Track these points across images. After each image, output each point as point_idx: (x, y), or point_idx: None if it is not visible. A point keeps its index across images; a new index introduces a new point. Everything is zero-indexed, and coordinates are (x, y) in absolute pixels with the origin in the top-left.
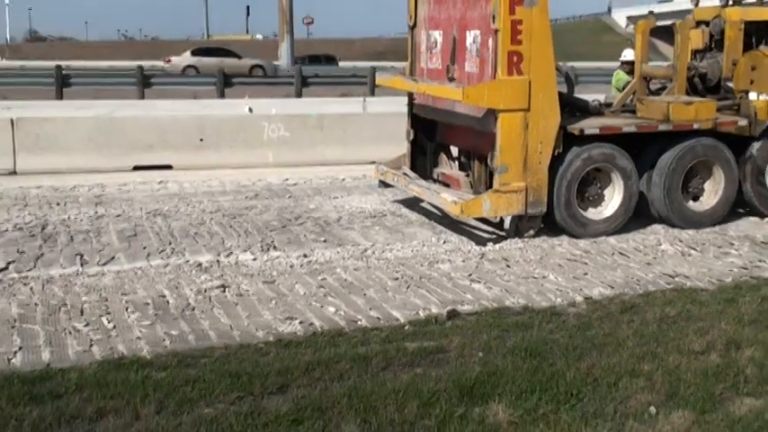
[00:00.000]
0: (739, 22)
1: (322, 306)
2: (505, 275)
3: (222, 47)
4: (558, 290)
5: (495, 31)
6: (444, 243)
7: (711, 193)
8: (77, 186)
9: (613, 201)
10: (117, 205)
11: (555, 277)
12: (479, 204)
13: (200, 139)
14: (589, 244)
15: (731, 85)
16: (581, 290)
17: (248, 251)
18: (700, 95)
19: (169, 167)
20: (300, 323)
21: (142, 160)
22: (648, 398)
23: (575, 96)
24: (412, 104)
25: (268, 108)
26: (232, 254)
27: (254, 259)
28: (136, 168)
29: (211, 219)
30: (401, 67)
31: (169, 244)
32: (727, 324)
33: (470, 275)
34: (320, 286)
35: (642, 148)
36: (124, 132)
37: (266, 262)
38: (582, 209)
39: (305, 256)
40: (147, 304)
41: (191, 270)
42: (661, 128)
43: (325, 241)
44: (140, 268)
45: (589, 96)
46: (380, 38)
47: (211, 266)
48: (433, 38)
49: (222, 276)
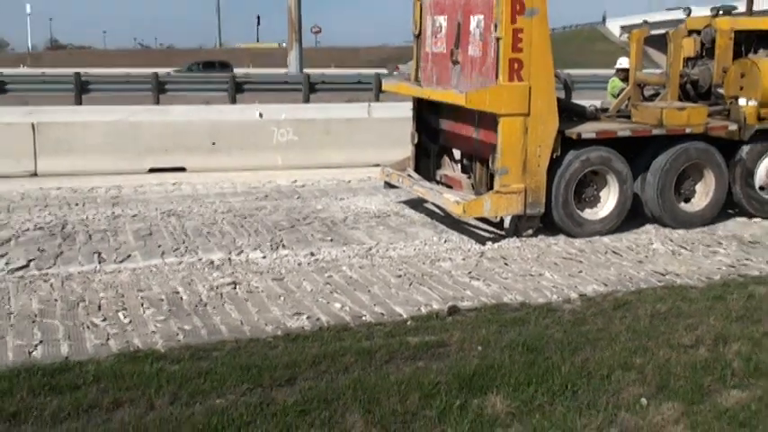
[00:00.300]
0: (729, 31)
1: (328, 302)
2: (504, 273)
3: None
4: (554, 287)
5: (498, 38)
6: (445, 242)
7: (702, 195)
8: (95, 188)
9: (609, 202)
10: (133, 206)
11: (551, 275)
12: (481, 205)
13: (213, 143)
14: (584, 243)
15: (721, 91)
16: (576, 287)
17: (258, 250)
18: (692, 101)
19: (183, 170)
20: (308, 318)
21: (157, 163)
22: (640, 390)
23: (572, 102)
24: (418, 109)
25: (277, 113)
26: (243, 252)
27: (264, 257)
28: (151, 171)
29: (223, 219)
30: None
31: (183, 243)
32: (716, 320)
33: (470, 273)
34: (327, 283)
35: (637, 151)
36: (140, 136)
37: (275, 260)
38: (579, 209)
39: (312, 254)
40: (162, 300)
41: (203, 268)
42: (655, 132)
43: (332, 240)
44: (155, 266)
45: (585, 102)
46: (385, 46)
47: (223, 264)
48: (438, 23)
49: (233, 274)
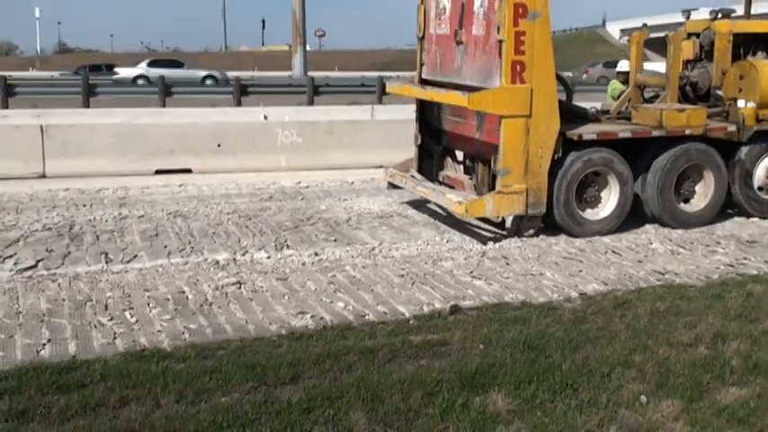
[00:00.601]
0: (728, 34)
1: (332, 301)
2: (505, 273)
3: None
4: (555, 286)
5: (500, 41)
6: (447, 242)
7: (701, 196)
8: (102, 189)
9: (609, 203)
10: (140, 207)
11: (552, 274)
12: (483, 205)
13: (218, 145)
14: (584, 243)
15: (720, 93)
16: (576, 286)
17: (263, 250)
18: (691, 103)
19: (189, 171)
20: (311, 317)
21: (163, 164)
22: (640, 387)
23: (573, 104)
24: (422, 111)
25: (282, 115)
26: (247, 252)
27: (269, 257)
28: (157, 172)
29: (228, 219)
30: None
31: (188, 243)
32: (714, 318)
33: (472, 273)
34: (330, 283)
35: (637, 153)
36: (146, 138)
37: (280, 260)
38: (580, 209)
39: (316, 254)
40: (168, 299)
41: (209, 267)
42: (655, 133)
43: (336, 240)
44: (161, 266)
45: (584, 104)
46: (387, 49)
47: (228, 264)
48: (442, 4)
49: (238, 273)
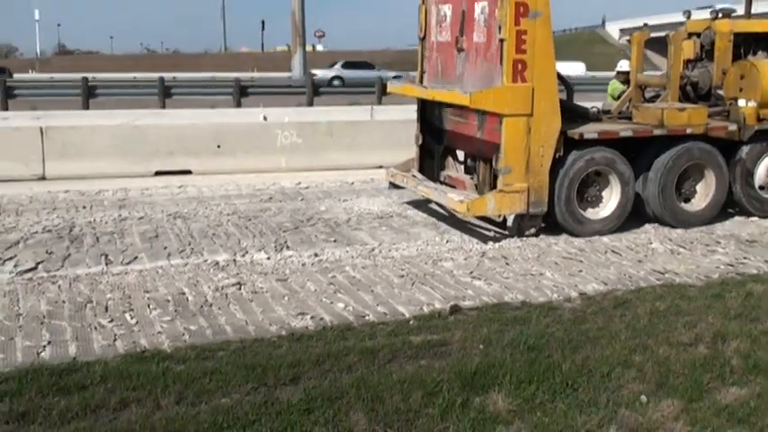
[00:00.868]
0: (728, 33)
1: (332, 302)
2: (505, 273)
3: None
4: (555, 286)
5: (501, 40)
6: (447, 242)
7: (702, 196)
8: (102, 191)
9: (610, 203)
10: (140, 208)
11: (551, 274)
12: (484, 203)
13: (218, 146)
14: (584, 242)
15: (721, 92)
16: (576, 286)
17: (263, 251)
18: (692, 103)
19: (189, 172)
20: (311, 318)
21: (163, 166)
22: (640, 387)
23: (575, 103)
24: (422, 110)
25: (281, 116)
26: (247, 253)
27: (268, 258)
28: (157, 173)
29: (228, 220)
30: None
31: (188, 244)
32: (714, 318)
33: (472, 273)
34: (330, 283)
35: (638, 152)
36: (146, 140)
37: (279, 261)
38: (581, 209)
39: (316, 255)
40: (168, 301)
41: (208, 269)
42: (656, 132)
43: (335, 241)
44: (161, 267)
45: (585, 104)
46: (387, 50)
47: (228, 265)
48: (443, 12)
49: (238, 275)
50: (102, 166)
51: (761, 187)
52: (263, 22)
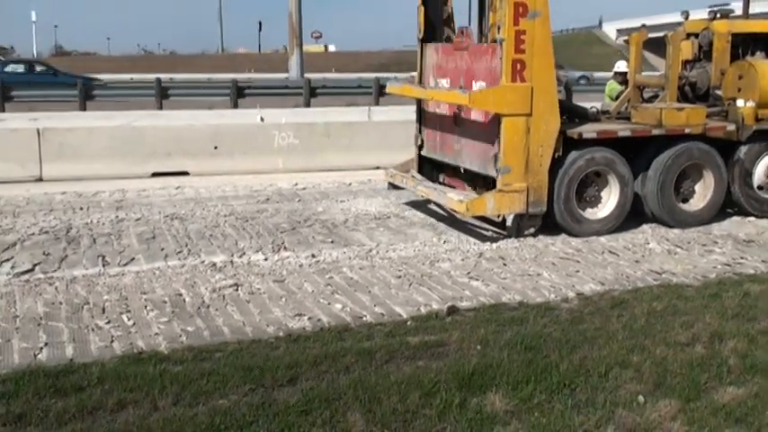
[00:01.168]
0: (726, 34)
1: (329, 303)
2: (502, 273)
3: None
4: (552, 286)
5: (501, 40)
6: (444, 243)
7: (701, 197)
8: (99, 192)
9: (609, 203)
10: (137, 209)
11: (549, 275)
12: (484, 203)
13: (215, 147)
14: (581, 243)
15: (719, 92)
16: (573, 286)
17: (260, 252)
18: (690, 103)
19: (186, 174)
20: (309, 319)
21: (160, 167)
22: (637, 387)
23: (573, 103)
24: (420, 111)
25: (278, 117)
26: (245, 254)
27: (266, 259)
28: (154, 175)
29: (225, 222)
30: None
31: (186, 245)
32: (712, 318)
33: (469, 273)
34: (327, 284)
35: (636, 152)
36: (143, 141)
37: (277, 262)
38: (580, 209)
39: (313, 256)
40: (165, 302)
41: (206, 270)
42: (654, 132)
43: (333, 242)
44: (158, 268)
45: (583, 104)
46: (384, 51)
47: (225, 266)
48: (441, 85)
49: (235, 276)
50: (99, 167)
51: (759, 187)
52: (260, 23)
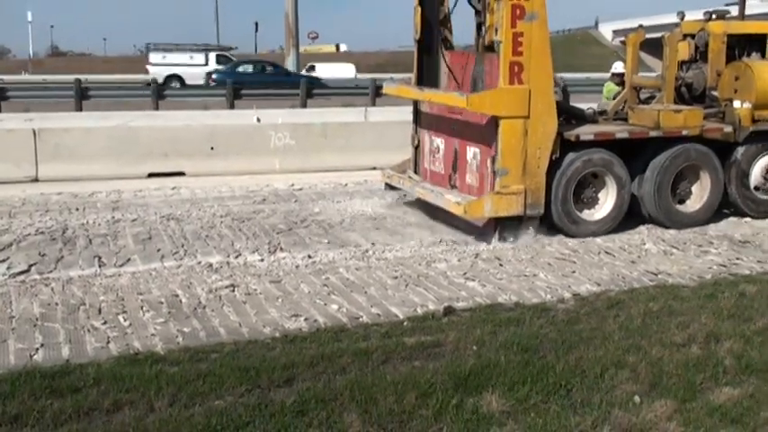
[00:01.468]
0: (722, 35)
1: (325, 304)
2: (498, 274)
3: None
4: (548, 287)
5: (498, 42)
6: (441, 244)
7: (697, 198)
8: (95, 192)
9: (606, 204)
10: (133, 210)
11: (545, 275)
12: (481, 205)
13: (211, 148)
14: (577, 243)
15: (716, 94)
16: (569, 287)
17: (256, 252)
18: (686, 104)
19: (182, 174)
20: (305, 320)
21: (156, 168)
22: (633, 388)
23: (571, 105)
24: (417, 112)
25: (275, 118)
26: (241, 255)
27: (262, 260)
28: (150, 175)
29: (221, 222)
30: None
31: (182, 246)
32: (707, 318)
33: (465, 274)
34: (324, 285)
35: (633, 153)
36: (139, 141)
37: (273, 263)
38: (577, 210)
39: (309, 256)
40: (161, 303)
41: (202, 271)
42: (652, 134)
43: (329, 243)
44: (155, 269)
45: (581, 105)
46: (381, 51)
47: (221, 267)
48: (436, 144)
49: (232, 276)
50: (96, 167)
51: (756, 188)
52: (256, 23)
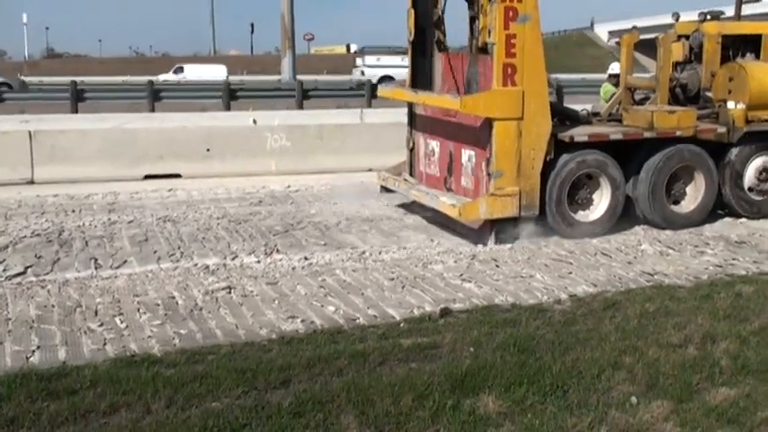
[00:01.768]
0: (717, 35)
1: (322, 305)
2: (495, 275)
3: None
4: (545, 288)
5: (491, 44)
6: (437, 245)
7: (692, 199)
8: (92, 194)
9: (601, 206)
10: (129, 212)
11: (541, 276)
12: (476, 207)
13: (208, 150)
14: (573, 245)
15: (710, 94)
16: (566, 288)
17: (253, 254)
18: (681, 105)
19: (178, 176)
20: (302, 322)
21: (153, 169)
22: (630, 389)
23: (565, 106)
24: (412, 114)
25: (271, 119)
26: (237, 257)
27: (258, 262)
28: (147, 177)
29: (218, 224)
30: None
31: (178, 248)
32: (704, 319)
33: (462, 275)
34: (320, 287)
35: (628, 154)
36: (136, 143)
37: (269, 264)
38: (571, 211)
39: (306, 258)
40: (158, 305)
41: (198, 273)
42: (646, 135)
43: (325, 244)
44: (151, 271)
45: (576, 106)
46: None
47: (218, 269)
48: (431, 146)
49: (228, 278)
50: (92, 169)
51: (750, 189)
52: (252, 25)
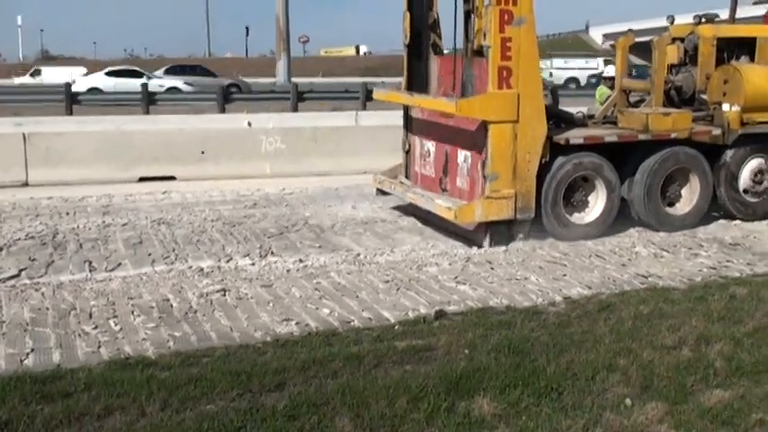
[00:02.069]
0: (712, 38)
1: (317, 308)
2: (489, 277)
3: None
4: (539, 290)
5: (487, 47)
6: (432, 248)
7: (687, 201)
8: (86, 197)
9: (596, 208)
10: (123, 214)
11: (536, 279)
12: (472, 210)
13: (202, 152)
14: (568, 247)
15: (705, 97)
16: (560, 290)
17: (247, 257)
18: (676, 107)
19: (173, 179)
20: (296, 324)
21: (147, 172)
22: (624, 391)
23: (560, 108)
24: (407, 116)
25: (266, 122)
26: (232, 259)
27: (253, 264)
28: (141, 180)
29: (212, 227)
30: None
31: (173, 251)
32: (698, 321)
33: (456, 278)
34: (315, 289)
35: (623, 157)
36: (130, 146)
37: (264, 267)
38: (567, 213)
39: (301, 261)
40: (152, 308)
41: (193, 275)
42: (641, 137)
43: (320, 247)
44: (146, 274)
45: (572, 109)
46: (372, 55)
47: (212, 271)
48: (426, 147)
49: (223, 281)
50: (86, 172)
51: (745, 191)
52: (247, 27)
